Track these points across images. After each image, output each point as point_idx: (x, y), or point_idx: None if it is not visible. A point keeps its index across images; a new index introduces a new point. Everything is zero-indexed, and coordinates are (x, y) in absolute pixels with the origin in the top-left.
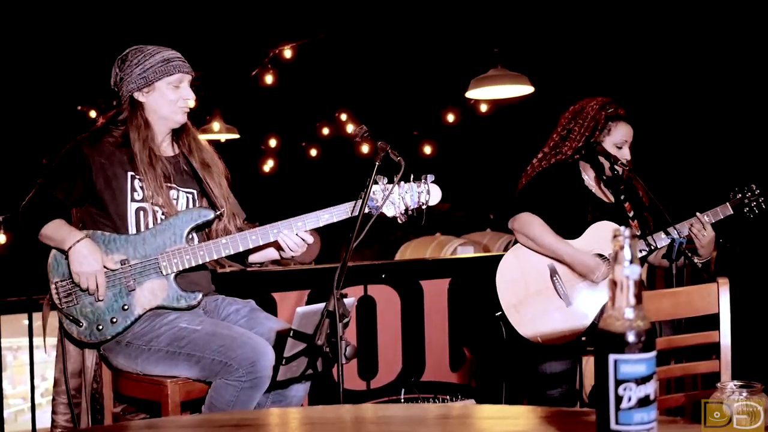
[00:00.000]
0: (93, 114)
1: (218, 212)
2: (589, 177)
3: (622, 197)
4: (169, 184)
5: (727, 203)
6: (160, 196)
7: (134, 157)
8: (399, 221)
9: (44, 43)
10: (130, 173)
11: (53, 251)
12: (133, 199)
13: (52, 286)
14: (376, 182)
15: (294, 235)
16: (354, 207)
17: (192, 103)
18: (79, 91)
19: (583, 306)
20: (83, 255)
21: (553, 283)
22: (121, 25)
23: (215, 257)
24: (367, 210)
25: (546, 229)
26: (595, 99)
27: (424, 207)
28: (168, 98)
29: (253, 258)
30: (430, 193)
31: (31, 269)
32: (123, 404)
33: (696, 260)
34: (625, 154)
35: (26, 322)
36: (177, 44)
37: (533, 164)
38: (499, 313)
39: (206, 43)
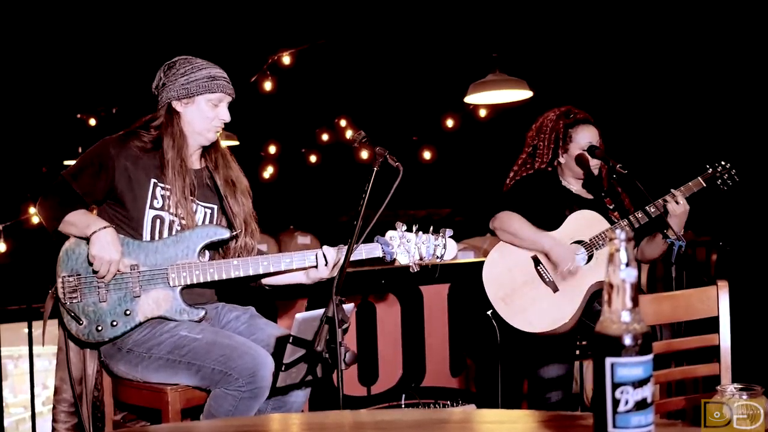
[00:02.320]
0: (93, 122)
1: (234, 233)
2: (567, 181)
3: (603, 194)
4: (191, 198)
5: (699, 177)
6: (183, 208)
7: (164, 164)
8: (411, 270)
9: (44, 51)
10: (153, 180)
11: (65, 246)
12: (151, 207)
13: (59, 280)
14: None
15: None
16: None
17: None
18: (78, 98)
19: (570, 290)
20: (106, 241)
21: (538, 272)
22: (121, 33)
23: (224, 277)
24: (381, 254)
25: (525, 223)
26: (552, 111)
27: (438, 261)
28: (205, 114)
29: (272, 280)
30: (447, 248)
31: (31, 277)
32: (123, 412)
33: (669, 234)
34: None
35: (26, 330)
36: (176, 51)
37: (507, 183)
38: (490, 311)
39: (205, 49)
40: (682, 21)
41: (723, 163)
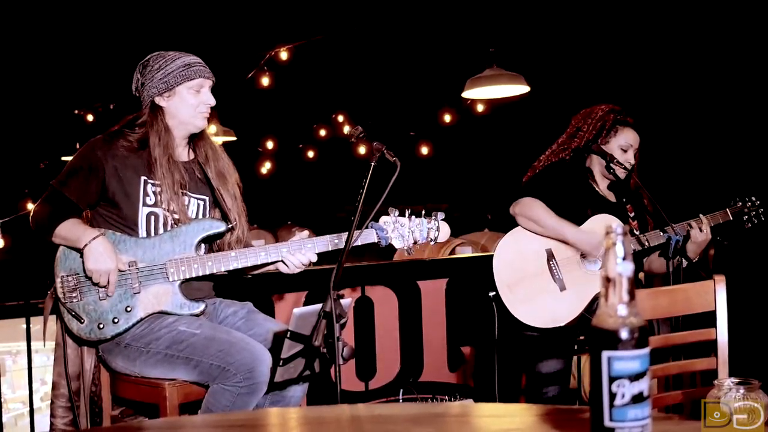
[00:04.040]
0: (90, 118)
1: (230, 225)
2: (594, 179)
3: (624, 200)
4: (183, 191)
5: (728, 210)
6: (175, 203)
7: (152, 162)
8: (407, 254)
9: (41, 47)
10: (143, 178)
11: (62, 246)
12: (145, 204)
13: (58, 280)
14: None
15: (301, 255)
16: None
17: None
18: (76, 94)
19: (576, 292)
20: (99, 252)
21: (549, 267)
22: (118, 29)
23: (223, 270)
24: (376, 239)
25: (547, 210)
26: (606, 104)
27: (432, 243)
28: (188, 102)
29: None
30: (440, 230)
31: (29, 273)
32: (121, 407)
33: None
34: (628, 158)
35: (24, 326)
36: (172, 48)
37: (540, 159)
38: (492, 293)
39: (202, 45)
40: (684, 14)
41: (753, 199)
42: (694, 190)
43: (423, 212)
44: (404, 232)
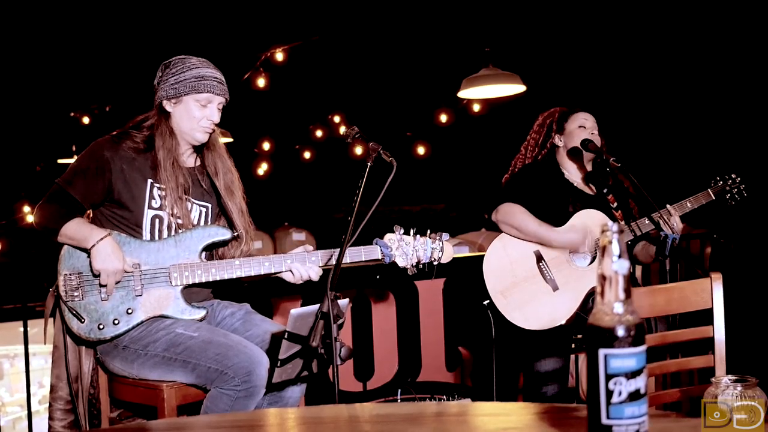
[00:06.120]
0: (86, 120)
1: (235, 233)
2: (569, 172)
3: (605, 191)
4: (186, 196)
5: (709, 190)
6: (178, 207)
7: (157, 164)
8: (408, 273)
9: (37, 50)
10: (149, 180)
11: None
12: (150, 207)
13: (61, 278)
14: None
15: (305, 268)
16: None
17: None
18: (72, 96)
19: (570, 290)
20: (106, 253)
21: (539, 269)
22: (114, 31)
23: (226, 277)
24: (380, 256)
25: (528, 216)
26: (548, 110)
27: (435, 263)
28: (192, 114)
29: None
30: (443, 251)
31: (26, 276)
32: (119, 409)
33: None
34: (594, 137)
35: (22, 329)
36: (169, 49)
37: (514, 163)
38: (487, 302)
39: (197, 47)
40: (679, 14)
41: (733, 176)
42: (673, 176)
43: (428, 232)
44: (408, 250)
